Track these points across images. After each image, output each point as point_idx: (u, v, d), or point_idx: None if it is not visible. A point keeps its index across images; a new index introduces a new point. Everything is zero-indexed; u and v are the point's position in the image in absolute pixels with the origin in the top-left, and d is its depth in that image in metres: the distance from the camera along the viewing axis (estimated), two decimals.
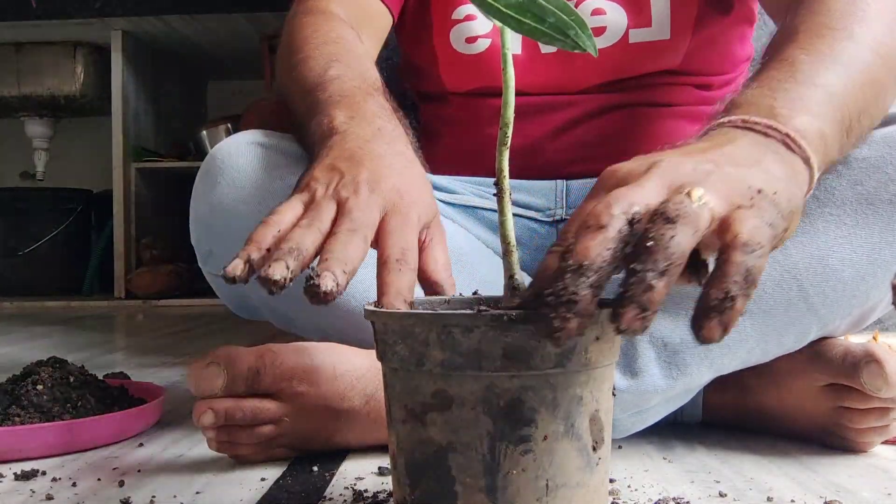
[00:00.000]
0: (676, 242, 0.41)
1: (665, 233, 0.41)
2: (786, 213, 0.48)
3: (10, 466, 0.71)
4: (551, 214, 0.95)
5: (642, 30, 0.91)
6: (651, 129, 0.94)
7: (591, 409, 0.48)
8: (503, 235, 0.50)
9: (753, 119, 0.56)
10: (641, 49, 0.92)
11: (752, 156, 0.52)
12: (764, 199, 0.46)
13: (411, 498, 0.49)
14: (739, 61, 0.99)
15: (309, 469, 0.69)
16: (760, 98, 0.59)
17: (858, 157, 0.70)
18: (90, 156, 3.35)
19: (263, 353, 0.69)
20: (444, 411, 0.47)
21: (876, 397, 0.70)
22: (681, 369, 0.72)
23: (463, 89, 0.98)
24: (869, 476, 0.67)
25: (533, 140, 0.94)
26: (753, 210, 0.45)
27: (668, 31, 0.91)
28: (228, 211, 0.77)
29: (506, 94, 0.48)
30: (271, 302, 0.80)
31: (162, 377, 1.19)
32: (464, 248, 0.85)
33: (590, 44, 0.45)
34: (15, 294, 2.91)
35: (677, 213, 0.42)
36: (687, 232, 0.41)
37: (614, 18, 0.91)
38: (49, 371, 0.84)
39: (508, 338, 0.45)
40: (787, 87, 0.60)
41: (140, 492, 0.64)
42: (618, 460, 0.72)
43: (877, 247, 0.70)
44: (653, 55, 0.92)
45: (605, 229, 0.42)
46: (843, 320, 0.73)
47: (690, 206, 0.43)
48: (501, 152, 0.49)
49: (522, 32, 0.45)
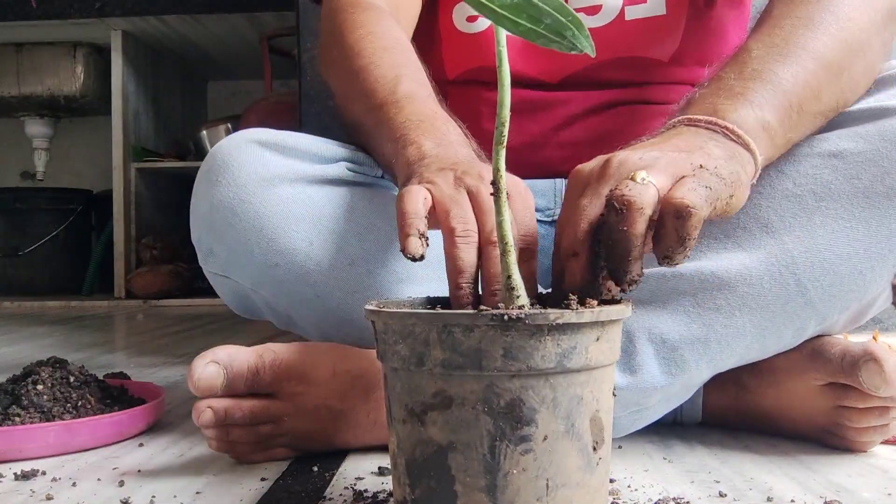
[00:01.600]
0: (630, 233, 0.51)
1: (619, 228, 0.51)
2: (728, 182, 0.56)
3: (10, 466, 0.71)
4: (551, 214, 0.95)
5: (638, 6, 0.92)
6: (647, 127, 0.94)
7: (592, 409, 0.48)
8: (500, 235, 0.50)
9: (696, 117, 0.64)
10: (638, 27, 0.92)
11: (695, 143, 0.60)
12: (704, 171, 0.55)
13: (411, 498, 0.49)
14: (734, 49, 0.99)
15: (309, 469, 0.69)
16: (706, 97, 0.67)
17: (854, 152, 0.70)
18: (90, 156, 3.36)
19: (263, 352, 0.69)
20: (444, 411, 0.47)
21: (875, 396, 0.70)
22: (679, 366, 0.72)
23: (462, 70, 0.97)
24: (869, 476, 0.67)
25: (532, 137, 0.94)
26: (693, 178, 0.54)
27: (664, 6, 0.91)
28: (229, 209, 0.77)
29: (501, 93, 0.48)
30: (271, 302, 0.80)
31: (162, 377, 1.19)
32: None
33: (587, 44, 0.45)
34: (15, 294, 2.91)
35: (623, 200, 0.51)
36: (635, 217, 0.51)
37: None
38: (49, 371, 0.84)
39: (509, 337, 0.45)
40: (732, 83, 0.67)
41: (140, 492, 0.64)
42: (618, 460, 0.72)
43: (874, 240, 0.70)
44: (650, 34, 0.92)
45: (578, 257, 0.54)
46: (841, 315, 0.73)
47: (635, 188, 0.52)
48: (498, 151, 0.49)
49: (518, 34, 0.44)
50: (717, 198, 0.55)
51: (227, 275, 0.82)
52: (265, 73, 2.77)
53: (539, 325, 0.45)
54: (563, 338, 0.46)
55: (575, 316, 0.45)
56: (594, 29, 0.92)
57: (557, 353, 0.46)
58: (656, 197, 0.52)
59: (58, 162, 3.31)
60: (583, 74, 0.93)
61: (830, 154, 0.71)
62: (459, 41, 0.96)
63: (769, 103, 0.66)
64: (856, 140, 0.70)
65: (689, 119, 0.64)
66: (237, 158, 0.78)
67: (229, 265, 0.80)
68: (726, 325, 0.71)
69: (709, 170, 0.56)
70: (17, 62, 2.96)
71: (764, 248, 0.71)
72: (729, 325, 0.71)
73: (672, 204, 0.52)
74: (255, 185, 0.77)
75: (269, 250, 0.76)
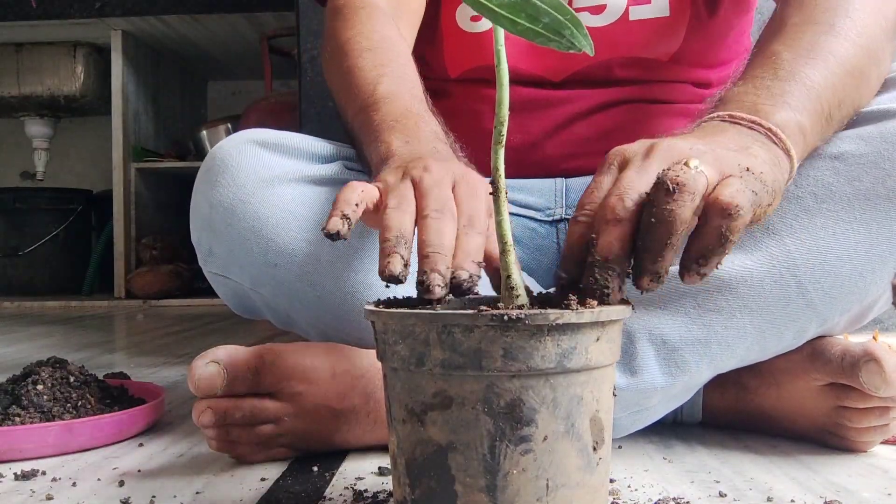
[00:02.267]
0: (677, 214, 0.47)
1: (666, 207, 0.47)
2: (770, 190, 0.54)
3: (10, 466, 0.71)
4: (551, 214, 0.94)
5: (642, 6, 0.92)
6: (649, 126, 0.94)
7: (592, 409, 0.48)
8: (500, 235, 0.50)
9: (739, 115, 0.62)
10: (642, 27, 0.92)
11: (741, 143, 0.58)
12: (751, 175, 0.52)
13: (411, 498, 0.49)
14: (736, 53, 0.99)
15: (309, 469, 0.69)
16: (745, 95, 0.65)
17: (855, 154, 0.70)
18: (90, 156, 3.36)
19: (263, 352, 0.69)
20: (444, 411, 0.47)
21: (875, 396, 0.70)
22: (680, 367, 0.72)
23: (464, 69, 0.97)
24: (869, 476, 0.67)
25: (532, 136, 0.94)
26: (741, 179, 0.51)
27: (668, 7, 0.92)
28: (229, 209, 0.77)
29: (500, 92, 0.48)
30: (271, 302, 0.80)
31: (162, 377, 1.19)
32: None
33: (585, 43, 0.45)
34: (15, 294, 2.91)
35: (676, 180, 0.47)
36: (685, 200, 0.47)
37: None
38: (49, 371, 0.84)
39: (509, 337, 0.45)
40: (769, 83, 0.65)
41: (140, 492, 0.64)
42: (618, 460, 0.72)
43: (874, 242, 0.70)
44: (653, 35, 0.92)
45: (622, 223, 0.49)
46: (842, 316, 0.73)
47: (689, 173, 0.48)
48: (496, 151, 0.49)
49: (516, 33, 0.44)
50: (759, 204, 0.52)
51: (226, 275, 0.82)
52: (265, 73, 2.77)
53: (539, 326, 0.45)
54: (563, 338, 0.46)
55: (575, 316, 0.45)
56: (598, 28, 0.92)
57: (557, 354, 0.46)
58: (706, 188, 0.49)
59: (58, 162, 3.31)
60: (585, 73, 0.93)
61: (832, 156, 0.71)
62: (462, 40, 0.96)
63: (806, 107, 0.64)
64: (857, 142, 0.70)
65: (732, 116, 0.62)
66: (236, 159, 0.79)
67: (229, 265, 0.80)
68: (727, 327, 0.71)
69: (754, 174, 0.53)
70: (17, 62, 2.96)
71: (765, 249, 0.71)
72: (729, 326, 0.71)
73: (720, 202, 0.48)
74: (254, 186, 0.77)
75: (269, 250, 0.76)
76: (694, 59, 0.94)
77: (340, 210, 0.55)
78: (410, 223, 0.56)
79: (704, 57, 0.95)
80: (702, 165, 0.49)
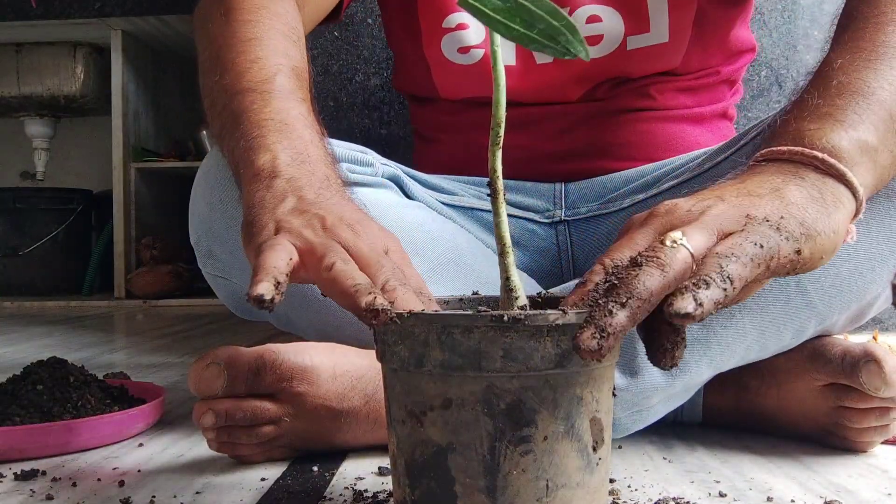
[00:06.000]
0: (640, 281, 0.44)
1: (629, 273, 0.45)
2: (795, 236, 0.49)
3: (10, 466, 0.71)
4: (550, 216, 0.95)
5: (641, 35, 0.91)
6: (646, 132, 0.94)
7: (592, 410, 0.48)
8: (498, 237, 0.50)
9: (778, 149, 0.56)
10: (640, 54, 0.91)
11: (771, 185, 0.53)
12: (756, 223, 0.48)
13: (411, 498, 0.49)
14: (738, 52, 0.99)
15: (309, 469, 0.69)
16: (789, 122, 0.59)
17: None
18: (90, 156, 3.35)
19: (263, 353, 0.69)
20: (443, 412, 0.47)
21: (875, 397, 0.70)
22: (680, 367, 0.72)
23: (456, 97, 0.97)
24: (869, 476, 0.68)
25: (529, 149, 0.94)
26: (740, 233, 0.47)
27: (667, 34, 0.91)
28: (228, 211, 0.77)
29: (496, 93, 0.48)
30: None
31: (162, 377, 1.19)
32: (463, 248, 0.85)
33: (581, 49, 0.43)
34: (15, 294, 2.91)
35: (645, 257, 0.46)
36: (652, 272, 0.44)
37: (611, 25, 0.91)
38: (49, 371, 0.84)
39: (508, 338, 0.45)
40: (817, 101, 0.59)
41: (140, 492, 0.64)
42: (618, 460, 0.72)
43: (874, 241, 0.70)
44: (651, 59, 0.92)
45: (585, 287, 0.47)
46: (841, 315, 0.73)
47: (661, 250, 0.46)
48: (494, 152, 0.49)
49: (511, 38, 0.44)
50: (770, 256, 0.47)
51: (226, 276, 0.82)
52: None
53: (539, 326, 0.45)
54: (562, 338, 0.46)
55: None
56: (595, 60, 0.91)
57: (557, 354, 0.46)
58: (686, 262, 0.46)
59: (58, 162, 3.31)
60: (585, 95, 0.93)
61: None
62: (453, 71, 0.95)
63: (864, 119, 0.57)
64: None
65: (771, 152, 0.56)
66: None
67: (229, 267, 0.80)
68: (726, 326, 0.71)
69: (770, 221, 0.48)
70: (17, 62, 2.96)
71: None
72: (729, 326, 0.71)
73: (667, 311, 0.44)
74: None
75: None
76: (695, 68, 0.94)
77: (273, 277, 0.49)
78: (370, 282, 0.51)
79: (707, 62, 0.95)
80: (690, 232, 0.47)
